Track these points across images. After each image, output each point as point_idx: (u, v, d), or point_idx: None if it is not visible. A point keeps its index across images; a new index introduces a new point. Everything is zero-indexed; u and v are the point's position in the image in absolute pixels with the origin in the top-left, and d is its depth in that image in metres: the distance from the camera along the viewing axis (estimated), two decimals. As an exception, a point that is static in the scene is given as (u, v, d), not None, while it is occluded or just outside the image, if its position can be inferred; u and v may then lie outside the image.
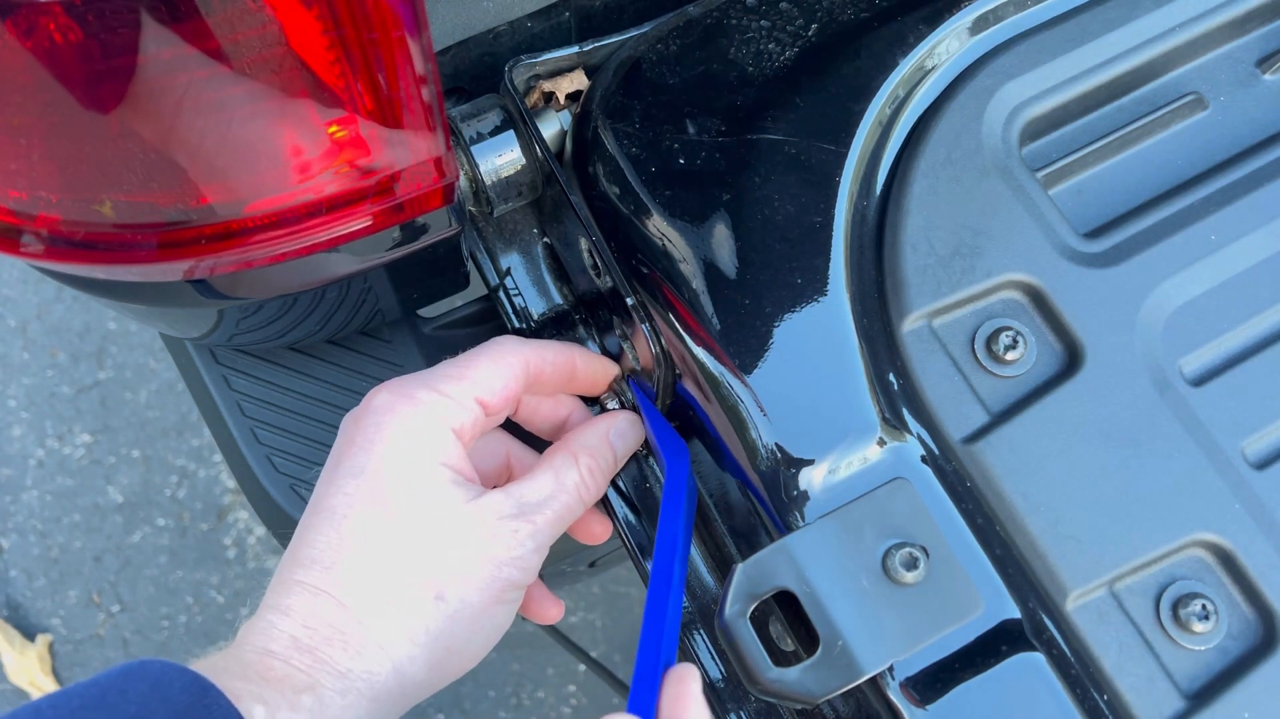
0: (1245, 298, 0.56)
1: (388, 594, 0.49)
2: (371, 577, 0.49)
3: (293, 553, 0.50)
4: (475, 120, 0.61)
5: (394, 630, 0.49)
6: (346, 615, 0.48)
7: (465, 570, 0.50)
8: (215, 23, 0.41)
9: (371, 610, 0.48)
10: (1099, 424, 0.53)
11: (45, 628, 1.61)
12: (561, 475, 0.55)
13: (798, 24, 0.60)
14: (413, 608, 0.49)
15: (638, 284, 0.57)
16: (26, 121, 0.44)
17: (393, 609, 0.49)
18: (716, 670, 0.59)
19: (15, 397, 1.71)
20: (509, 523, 0.52)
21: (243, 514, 1.65)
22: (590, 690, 1.56)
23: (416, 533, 0.50)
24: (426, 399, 0.52)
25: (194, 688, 0.43)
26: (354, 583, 0.48)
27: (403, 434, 0.51)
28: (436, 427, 0.52)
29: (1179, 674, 0.50)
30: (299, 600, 0.48)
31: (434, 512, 0.50)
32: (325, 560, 0.49)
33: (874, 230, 0.57)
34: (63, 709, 0.42)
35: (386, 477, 0.50)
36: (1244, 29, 0.63)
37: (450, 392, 0.53)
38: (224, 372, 0.74)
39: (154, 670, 0.44)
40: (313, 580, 0.48)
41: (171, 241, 0.50)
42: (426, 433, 0.51)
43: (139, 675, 0.44)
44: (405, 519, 0.50)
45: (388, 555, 0.49)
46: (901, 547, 0.48)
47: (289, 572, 0.49)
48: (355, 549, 0.49)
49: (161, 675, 0.43)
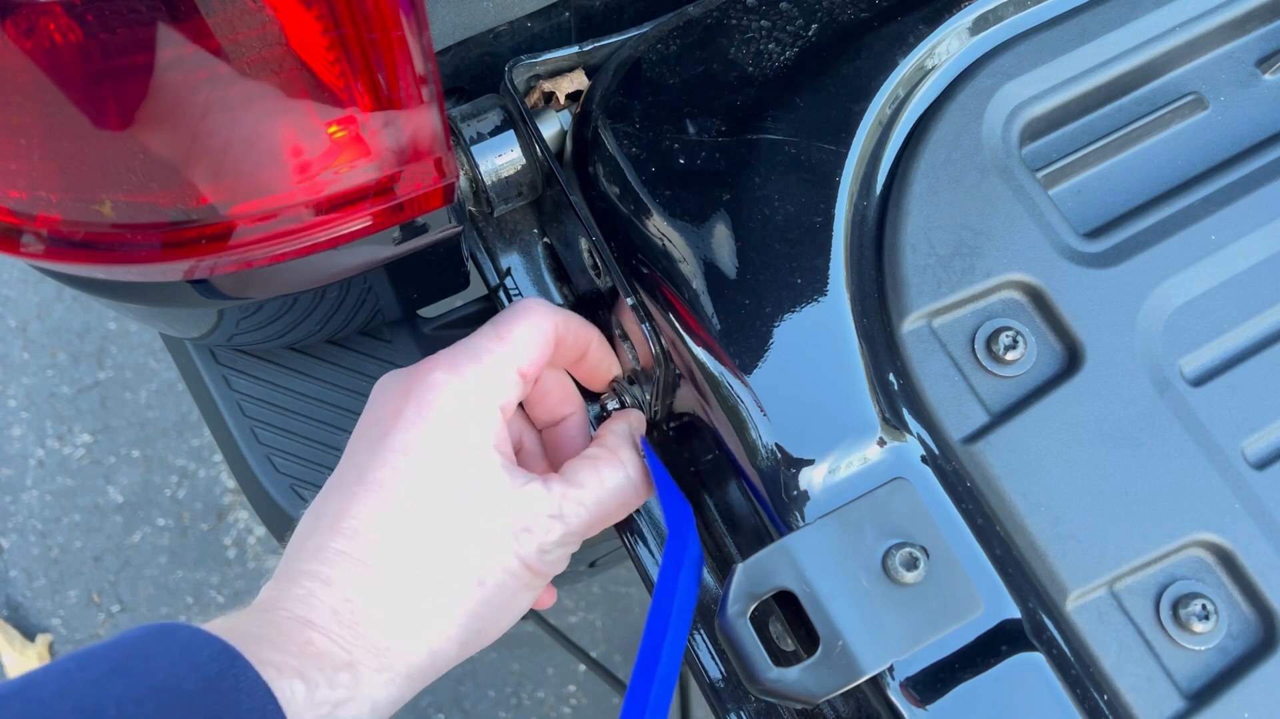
0: (1245, 298, 0.56)
1: (433, 575, 0.48)
2: (418, 556, 0.48)
3: (332, 520, 0.49)
4: (475, 120, 0.61)
5: (436, 612, 0.48)
6: (390, 594, 0.47)
7: (505, 558, 0.50)
8: (215, 23, 0.41)
9: (416, 590, 0.48)
10: (1099, 424, 0.53)
11: (45, 628, 1.61)
12: (605, 478, 0.54)
13: (798, 24, 0.60)
14: (455, 591, 0.49)
15: (638, 284, 0.57)
16: (26, 121, 0.44)
17: (436, 591, 0.48)
18: (716, 670, 0.59)
19: (15, 397, 1.71)
20: (548, 520, 0.52)
21: (243, 514, 1.65)
22: (590, 690, 1.56)
23: (463, 515, 0.49)
24: (475, 375, 0.51)
25: (222, 657, 0.42)
26: (400, 561, 0.48)
27: (453, 412, 0.50)
28: (486, 404, 0.51)
29: (1179, 674, 0.50)
30: (341, 572, 0.47)
31: (481, 496, 0.50)
32: (369, 534, 0.48)
33: (874, 230, 0.57)
34: (92, 673, 0.41)
35: (437, 456, 0.50)
36: (1244, 29, 0.63)
37: (496, 365, 0.52)
38: (224, 372, 0.74)
39: (182, 636, 0.43)
40: (357, 553, 0.48)
41: (172, 241, 0.50)
42: (476, 412, 0.51)
43: (165, 639, 0.43)
44: (453, 501, 0.49)
45: (434, 536, 0.49)
46: (901, 547, 0.48)
47: (328, 538, 0.48)
48: (403, 526, 0.48)
49: (190, 641, 0.42)
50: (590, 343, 0.58)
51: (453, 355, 0.52)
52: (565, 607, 1.57)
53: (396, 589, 0.48)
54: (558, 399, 0.59)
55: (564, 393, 0.59)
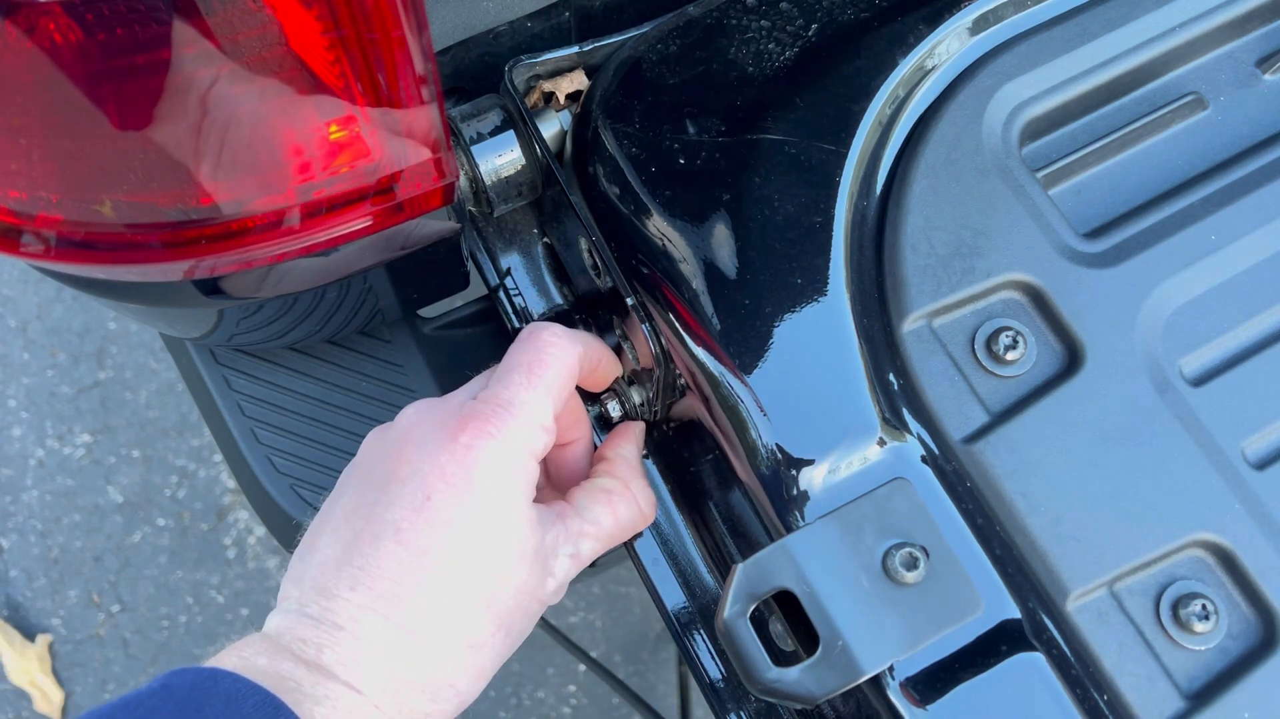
0: (1245, 298, 0.56)
1: (468, 636, 0.49)
2: (452, 617, 0.48)
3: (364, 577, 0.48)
4: (475, 120, 0.61)
5: (469, 670, 0.49)
6: (427, 656, 0.48)
7: (529, 605, 0.51)
8: (215, 23, 0.41)
9: (452, 653, 0.48)
10: (1099, 424, 0.53)
11: (45, 628, 1.61)
12: (620, 514, 0.55)
13: (798, 24, 0.60)
14: (486, 646, 0.49)
15: (638, 284, 0.57)
16: (27, 121, 0.44)
17: (470, 651, 0.49)
18: (716, 670, 0.59)
19: (15, 396, 1.71)
20: (566, 560, 0.52)
21: (243, 514, 1.65)
22: (590, 690, 1.56)
23: (495, 573, 0.49)
24: (513, 433, 0.50)
25: (267, 706, 0.43)
26: (436, 624, 0.48)
27: (495, 477, 0.49)
28: (523, 461, 0.50)
29: (1179, 674, 0.50)
30: (379, 635, 0.47)
31: (515, 554, 0.50)
32: (405, 596, 0.47)
33: (874, 230, 0.57)
34: None
35: (479, 524, 0.49)
36: (1244, 29, 0.63)
37: (531, 416, 0.51)
38: (224, 372, 0.74)
39: (226, 685, 0.43)
40: (394, 615, 0.47)
41: (172, 241, 0.50)
42: (515, 471, 0.50)
43: (212, 691, 0.43)
44: (488, 562, 0.49)
45: (468, 596, 0.49)
46: (901, 547, 0.48)
47: (363, 597, 0.47)
48: (438, 589, 0.48)
49: (234, 691, 0.43)
50: (600, 359, 0.57)
51: (490, 413, 0.50)
52: (565, 607, 1.57)
53: (433, 654, 0.48)
54: (568, 424, 0.58)
55: (575, 418, 0.58)
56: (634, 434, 0.60)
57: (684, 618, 0.60)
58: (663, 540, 0.62)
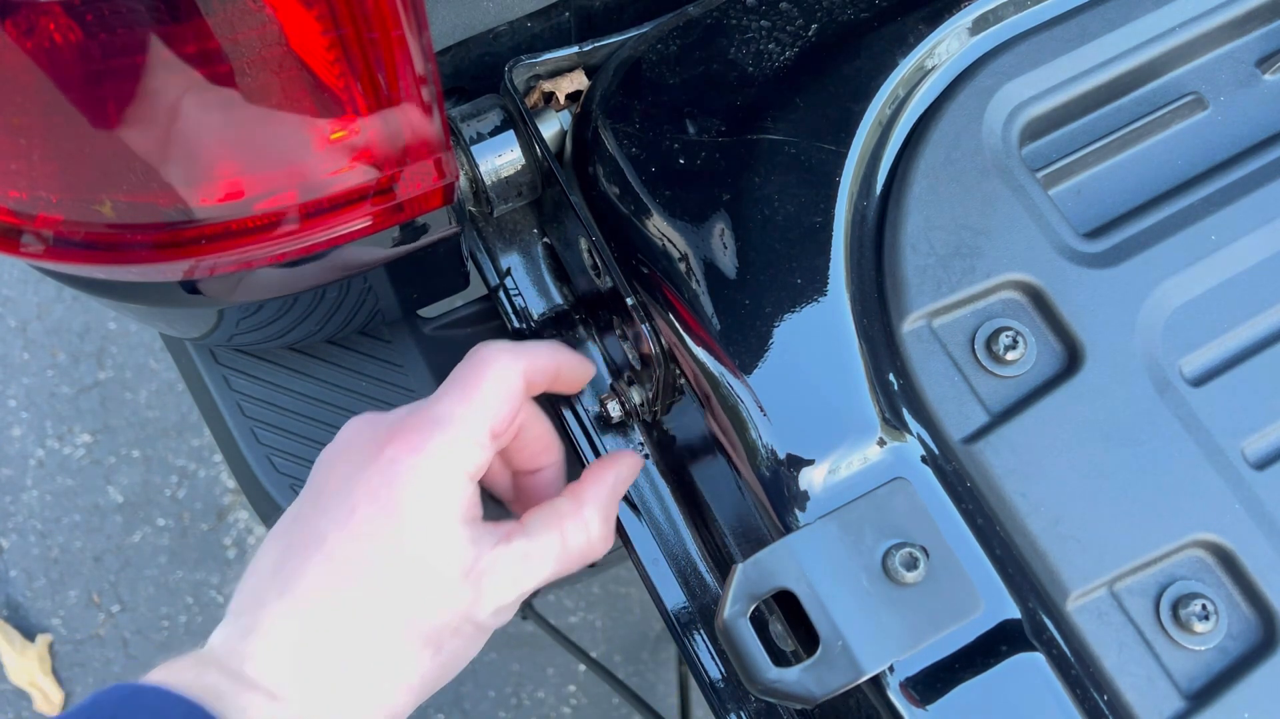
0: (1245, 298, 0.56)
1: (390, 651, 0.48)
2: (373, 630, 0.48)
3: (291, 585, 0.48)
4: (475, 120, 0.61)
5: (392, 688, 0.49)
6: (348, 666, 0.47)
7: (463, 626, 0.50)
8: (215, 23, 0.41)
9: (374, 666, 0.48)
10: (1099, 424, 0.53)
11: (45, 628, 1.61)
12: (569, 539, 0.53)
13: (798, 24, 0.60)
14: (410, 664, 0.49)
15: (638, 284, 0.57)
16: (26, 121, 0.44)
17: (391, 668, 0.48)
18: (716, 670, 0.59)
19: (15, 396, 1.71)
20: (507, 584, 0.51)
21: (243, 514, 1.65)
22: (590, 690, 1.56)
23: (418, 590, 0.49)
24: (440, 448, 0.50)
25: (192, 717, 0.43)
26: (356, 635, 0.48)
27: (419, 494, 0.49)
28: (452, 477, 0.50)
29: (1179, 674, 0.50)
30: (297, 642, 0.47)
31: (443, 574, 0.49)
32: (325, 605, 0.48)
33: (874, 230, 0.57)
34: None
35: (401, 542, 0.49)
36: (1244, 29, 0.63)
37: (463, 431, 0.50)
38: (224, 372, 0.74)
39: (151, 700, 0.43)
40: (314, 624, 0.47)
41: (171, 242, 0.50)
42: (443, 487, 0.49)
43: (137, 706, 0.43)
44: (410, 577, 0.49)
45: (389, 610, 0.48)
46: (901, 547, 0.48)
47: (288, 604, 0.48)
48: (357, 601, 0.48)
49: (159, 705, 0.43)
50: (558, 366, 0.56)
51: (418, 426, 0.50)
52: (565, 607, 1.57)
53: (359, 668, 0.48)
54: (538, 450, 0.57)
55: (543, 445, 0.57)
56: (615, 463, 0.57)
57: (684, 618, 0.60)
58: (663, 540, 0.62)
